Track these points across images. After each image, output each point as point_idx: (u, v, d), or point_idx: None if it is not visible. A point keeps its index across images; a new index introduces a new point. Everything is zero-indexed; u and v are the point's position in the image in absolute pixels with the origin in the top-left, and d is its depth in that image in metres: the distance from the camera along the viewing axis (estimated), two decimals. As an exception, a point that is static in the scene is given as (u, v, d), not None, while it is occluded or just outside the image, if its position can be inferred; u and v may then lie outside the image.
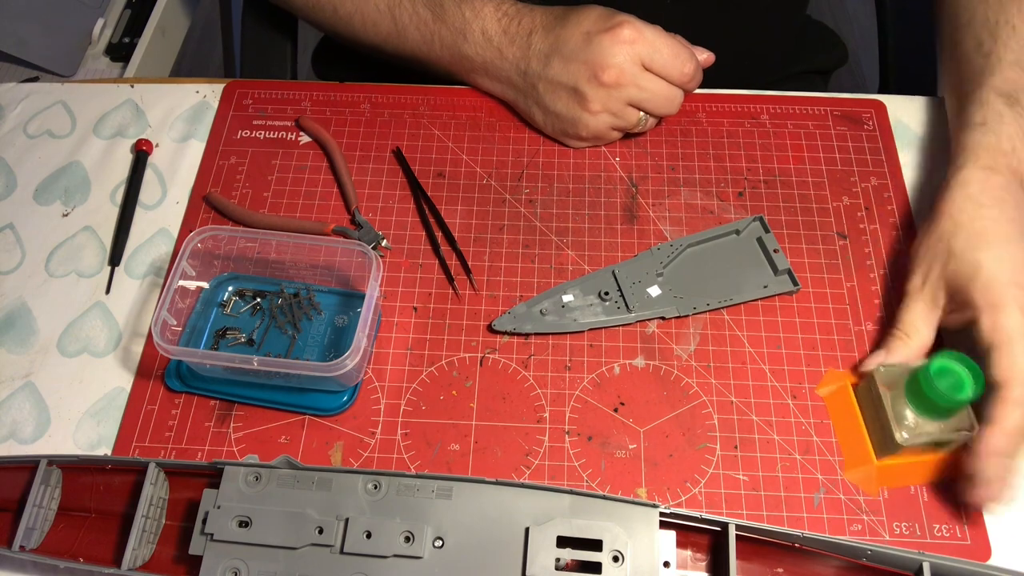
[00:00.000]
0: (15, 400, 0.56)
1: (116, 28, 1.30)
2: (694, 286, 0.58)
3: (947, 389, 0.47)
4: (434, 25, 0.64)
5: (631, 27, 0.59)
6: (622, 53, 0.58)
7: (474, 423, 0.54)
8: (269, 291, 0.58)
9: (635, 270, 0.59)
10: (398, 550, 0.44)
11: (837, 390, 0.54)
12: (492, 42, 0.63)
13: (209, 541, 0.44)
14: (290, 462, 0.46)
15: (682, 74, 0.60)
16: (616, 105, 0.61)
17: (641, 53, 0.59)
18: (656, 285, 0.58)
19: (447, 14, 0.63)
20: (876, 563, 0.44)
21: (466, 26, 0.63)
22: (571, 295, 0.58)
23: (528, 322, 0.56)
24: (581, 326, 0.57)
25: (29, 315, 0.59)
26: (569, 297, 0.57)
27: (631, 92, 0.60)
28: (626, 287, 0.58)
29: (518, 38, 0.62)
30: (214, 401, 0.55)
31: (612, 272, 0.59)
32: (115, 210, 0.65)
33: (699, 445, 0.53)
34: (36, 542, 0.48)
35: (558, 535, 0.44)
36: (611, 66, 0.59)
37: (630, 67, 0.59)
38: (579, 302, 0.57)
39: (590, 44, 0.59)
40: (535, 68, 0.62)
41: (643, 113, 0.62)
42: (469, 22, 0.63)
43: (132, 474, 0.49)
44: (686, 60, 0.60)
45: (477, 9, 0.63)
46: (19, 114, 0.71)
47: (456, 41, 0.64)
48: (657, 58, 0.59)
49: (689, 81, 0.61)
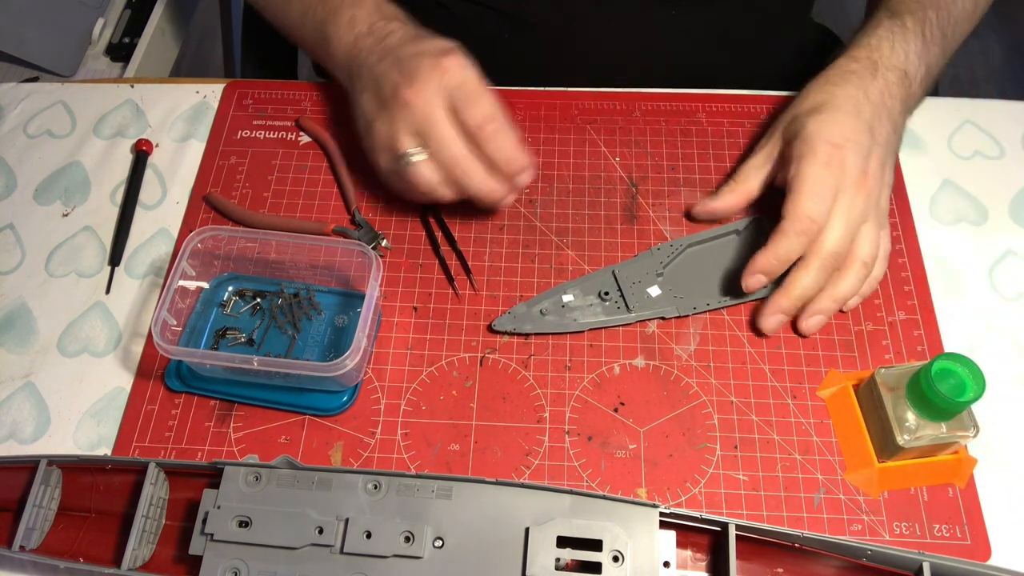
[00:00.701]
0: (15, 400, 0.56)
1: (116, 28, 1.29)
2: (694, 286, 0.58)
3: (948, 391, 0.47)
4: (315, 1, 0.64)
5: (455, 61, 0.55)
6: (434, 79, 0.54)
7: (474, 423, 0.54)
8: (269, 291, 0.58)
9: (635, 270, 0.59)
10: (398, 550, 0.44)
11: (838, 392, 0.54)
12: (354, 29, 0.61)
13: (209, 541, 0.44)
14: (290, 462, 0.46)
15: (479, 128, 0.54)
16: (401, 125, 0.55)
17: (452, 89, 0.54)
18: (656, 285, 0.58)
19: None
20: (876, 563, 0.44)
21: (340, 7, 0.62)
22: (571, 295, 0.57)
23: (528, 322, 0.56)
24: (581, 326, 0.56)
25: (29, 315, 0.59)
26: (569, 297, 0.57)
27: (415, 119, 0.54)
28: (626, 287, 0.58)
29: (377, 33, 0.60)
30: (214, 401, 0.55)
31: (612, 272, 0.58)
32: (115, 210, 0.65)
33: (699, 445, 0.53)
34: (36, 542, 0.48)
35: (558, 535, 0.43)
36: (416, 83, 0.54)
37: (430, 94, 0.54)
38: (579, 302, 0.57)
39: (415, 60, 0.55)
40: (368, 61, 0.59)
41: (418, 149, 0.55)
42: (345, 6, 0.62)
43: (132, 474, 0.49)
44: (494, 123, 0.54)
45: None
46: (19, 114, 0.71)
47: (326, 19, 0.62)
48: (467, 103, 0.54)
49: (488, 140, 0.54)
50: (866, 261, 0.54)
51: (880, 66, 0.57)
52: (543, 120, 0.68)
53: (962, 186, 0.64)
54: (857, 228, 0.53)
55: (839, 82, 0.57)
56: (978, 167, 0.65)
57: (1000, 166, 0.65)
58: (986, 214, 0.63)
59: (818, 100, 0.56)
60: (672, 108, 0.68)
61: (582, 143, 0.67)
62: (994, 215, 0.63)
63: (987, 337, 0.57)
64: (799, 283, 0.53)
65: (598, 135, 0.67)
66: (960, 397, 0.47)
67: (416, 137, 0.55)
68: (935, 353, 0.54)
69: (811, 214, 0.52)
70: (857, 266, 0.54)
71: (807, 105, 0.57)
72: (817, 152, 0.53)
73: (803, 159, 0.53)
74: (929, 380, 0.47)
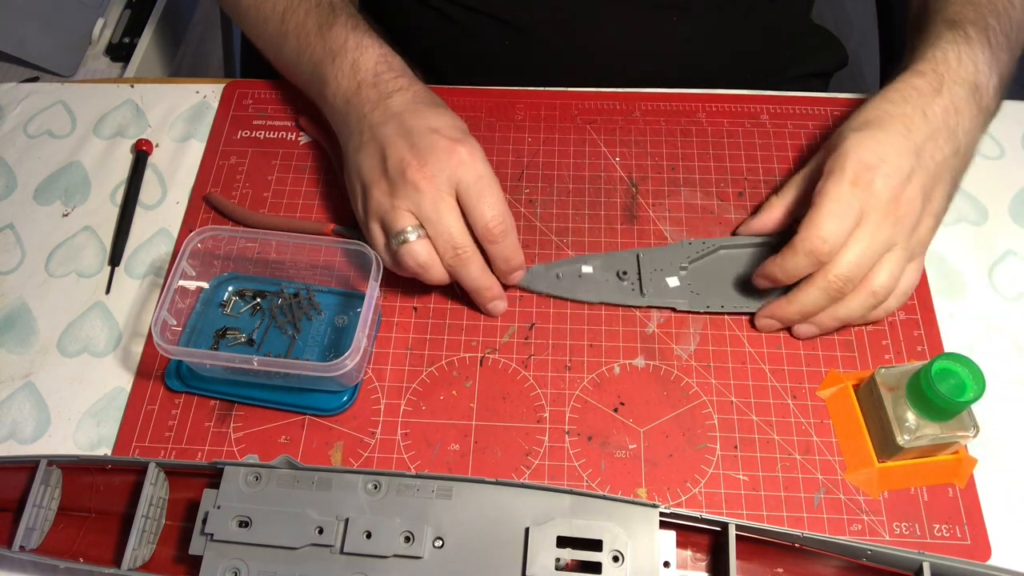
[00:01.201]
0: (15, 400, 0.56)
1: (116, 28, 1.30)
2: (714, 287, 0.58)
3: (948, 391, 0.47)
4: (314, 38, 0.61)
5: (471, 151, 0.53)
6: (448, 167, 0.52)
7: (474, 423, 0.54)
8: (269, 291, 0.58)
9: (660, 258, 0.59)
10: (398, 550, 0.44)
11: (838, 392, 0.54)
12: (356, 75, 0.58)
13: (209, 541, 0.44)
14: (290, 462, 0.46)
15: (487, 229, 0.52)
16: (403, 203, 0.52)
17: (462, 178, 0.52)
18: (676, 277, 0.58)
19: (331, 33, 0.60)
20: (876, 563, 0.44)
21: (341, 50, 0.59)
22: (591, 267, 0.58)
23: (542, 282, 0.58)
24: (591, 297, 0.57)
25: (29, 315, 0.59)
26: (588, 268, 0.58)
27: (421, 202, 0.52)
28: (646, 272, 0.58)
29: (382, 86, 0.57)
30: (214, 401, 0.55)
31: (637, 255, 0.59)
32: (115, 210, 0.65)
33: (699, 445, 0.53)
34: (36, 542, 0.48)
35: (558, 535, 0.43)
36: (428, 167, 0.52)
37: (441, 180, 0.52)
38: (596, 276, 0.58)
39: (427, 137, 0.53)
40: (373, 118, 0.56)
41: (410, 227, 0.52)
42: (348, 49, 0.59)
43: (132, 474, 0.49)
44: (503, 225, 0.52)
45: (363, 44, 0.59)
46: (19, 114, 0.71)
47: (324, 60, 0.60)
48: (480, 200, 0.52)
49: (493, 241, 0.53)
50: (876, 291, 0.51)
51: (947, 80, 0.54)
52: (543, 120, 0.68)
53: (962, 186, 0.63)
54: (878, 256, 0.51)
55: (896, 99, 0.54)
56: (978, 167, 0.64)
57: (1000, 166, 0.65)
58: (986, 214, 0.63)
59: (868, 117, 0.53)
60: (672, 108, 0.68)
61: (582, 143, 0.67)
62: (994, 215, 0.63)
63: (987, 337, 0.57)
64: (800, 299, 0.52)
65: (598, 135, 0.67)
66: (960, 397, 0.47)
67: (415, 218, 0.52)
68: (935, 353, 0.54)
69: (824, 234, 0.49)
70: (866, 294, 0.51)
71: (857, 121, 0.54)
72: (845, 170, 0.50)
73: (831, 176, 0.51)
74: (929, 380, 0.47)
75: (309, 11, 0.62)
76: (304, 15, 0.62)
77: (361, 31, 0.60)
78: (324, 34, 0.60)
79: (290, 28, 0.63)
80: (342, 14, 0.61)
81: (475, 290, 0.55)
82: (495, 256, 0.54)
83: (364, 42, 0.59)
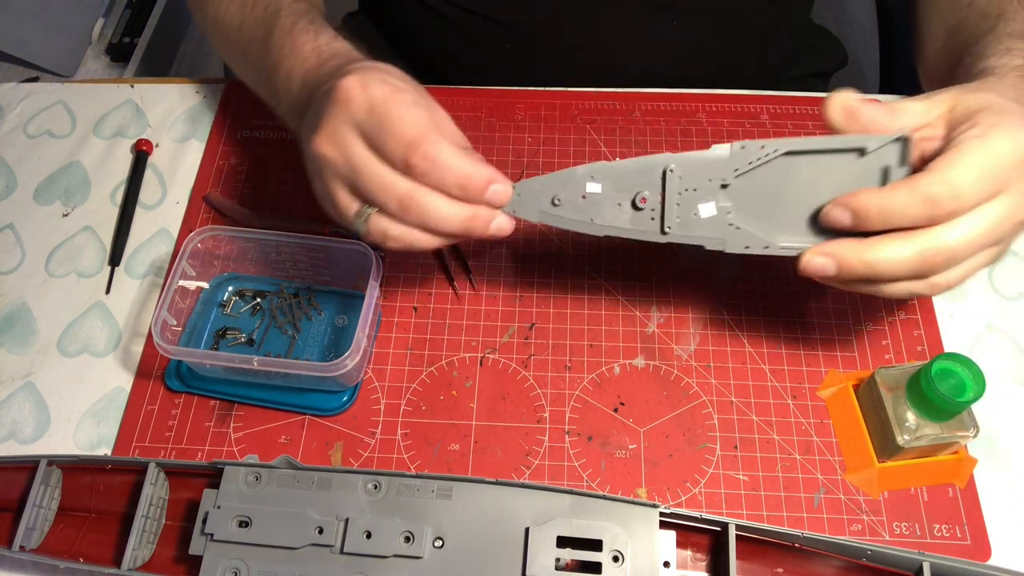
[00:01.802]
0: (15, 400, 0.56)
1: (116, 28, 1.30)
2: (767, 212, 0.43)
3: (948, 391, 0.47)
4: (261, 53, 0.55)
5: (357, 83, 0.42)
6: (338, 114, 0.43)
7: (474, 423, 0.54)
8: (269, 291, 0.58)
9: (696, 171, 0.43)
10: (398, 550, 0.44)
11: (838, 392, 0.54)
12: (292, 87, 0.51)
13: (209, 541, 0.44)
14: (290, 462, 0.46)
15: (405, 163, 0.41)
16: (331, 183, 0.45)
17: (355, 116, 0.42)
18: (714, 202, 0.43)
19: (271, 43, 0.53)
20: (876, 563, 0.44)
21: (279, 63, 0.52)
22: (598, 185, 0.44)
23: (534, 209, 0.45)
24: (597, 228, 0.45)
25: (29, 315, 0.59)
26: (595, 188, 0.44)
27: (336, 170, 0.44)
28: (672, 196, 0.43)
29: (313, 85, 0.49)
30: (214, 401, 0.55)
31: (664, 170, 0.43)
32: (115, 210, 0.65)
33: (699, 445, 0.53)
34: (36, 542, 0.48)
35: (558, 535, 0.43)
36: (322, 127, 0.43)
37: (345, 136, 0.43)
38: (605, 197, 0.44)
39: (320, 99, 0.45)
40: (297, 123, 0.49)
41: (356, 209, 0.44)
42: (283, 58, 0.52)
43: (132, 474, 0.49)
44: (422, 148, 0.41)
45: (296, 47, 0.51)
46: (19, 114, 0.71)
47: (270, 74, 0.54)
48: (381, 132, 0.42)
49: (422, 172, 0.42)
50: (951, 284, 0.42)
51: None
52: (543, 120, 0.68)
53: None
54: (994, 242, 0.41)
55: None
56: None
57: (1000, 166, 0.65)
58: (986, 214, 0.63)
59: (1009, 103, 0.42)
60: (672, 108, 0.68)
61: (582, 143, 0.67)
62: (994, 215, 0.63)
63: (987, 337, 0.57)
64: (881, 253, 0.40)
65: (598, 135, 0.67)
66: (960, 397, 0.47)
67: (350, 193, 0.45)
68: (935, 353, 0.54)
69: (959, 186, 0.38)
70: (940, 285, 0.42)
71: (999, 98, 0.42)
72: (1011, 133, 0.39)
73: (994, 129, 0.39)
74: (929, 380, 0.47)
75: (256, 24, 0.56)
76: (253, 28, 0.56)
77: (297, 32, 0.52)
78: (267, 46, 0.54)
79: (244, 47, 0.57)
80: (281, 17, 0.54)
81: (457, 232, 0.44)
82: (445, 187, 0.42)
83: (298, 44, 0.51)
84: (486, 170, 0.43)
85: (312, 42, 0.51)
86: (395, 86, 0.43)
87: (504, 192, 0.43)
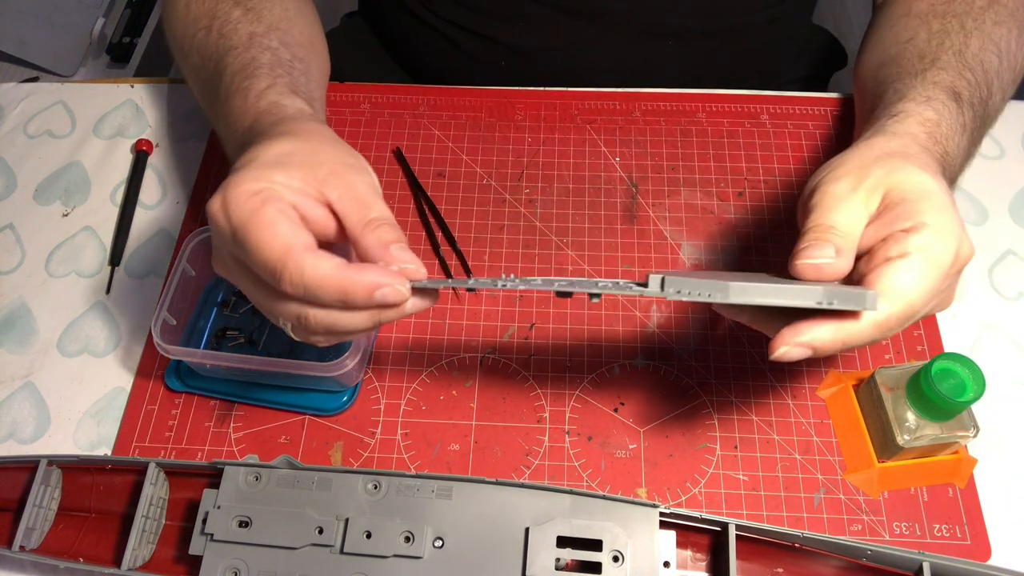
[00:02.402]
0: (15, 400, 0.56)
1: (116, 28, 1.30)
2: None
3: (948, 391, 0.47)
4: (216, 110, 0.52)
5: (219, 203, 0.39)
6: (216, 239, 0.41)
7: (474, 423, 0.54)
8: (269, 291, 0.58)
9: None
10: (398, 550, 0.44)
11: (838, 392, 0.54)
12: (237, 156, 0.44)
13: (209, 541, 0.44)
14: (290, 462, 0.46)
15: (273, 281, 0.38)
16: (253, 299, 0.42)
17: (228, 245, 0.39)
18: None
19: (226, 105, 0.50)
20: (876, 563, 0.44)
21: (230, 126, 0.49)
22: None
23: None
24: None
25: (29, 315, 0.59)
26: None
27: (248, 293, 0.41)
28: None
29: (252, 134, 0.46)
30: (214, 401, 0.55)
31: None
32: (115, 210, 0.65)
33: (699, 445, 0.53)
34: (36, 542, 0.48)
35: (558, 535, 0.43)
36: (213, 252, 0.42)
37: (221, 255, 0.41)
38: None
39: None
40: None
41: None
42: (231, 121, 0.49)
43: (132, 474, 0.49)
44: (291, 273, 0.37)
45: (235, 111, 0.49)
46: (19, 114, 0.71)
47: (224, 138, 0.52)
48: (239, 253, 0.39)
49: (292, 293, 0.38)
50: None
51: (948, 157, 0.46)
52: (543, 120, 0.68)
53: (962, 186, 0.64)
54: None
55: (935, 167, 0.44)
56: (978, 167, 0.64)
57: (1000, 166, 0.65)
58: (986, 214, 0.63)
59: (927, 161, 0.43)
60: (672, 108, 0.68)
61: (582, 143, 0.67)
62: (994, 215, 0.63)
63: (987, 337, 0.57)
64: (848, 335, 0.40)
65: (598, 135, 0.67)
66: (960, 397, 0.47)
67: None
68: (935, 353, 0.54)
69: (916, 309, 0.39)
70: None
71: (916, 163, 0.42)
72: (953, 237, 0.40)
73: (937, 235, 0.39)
74: (929, 380, 0.47)
75: (208, 80, 0.54)
76: (206, 85, 0.54)
77: (241, 93, 0.49)
78: (221, 106, 0.51)
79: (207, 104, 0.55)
80: (227, 75, 0.51)
81: (373, 325, 0.40)
82: (327, 304, 0.38)
83: (236, 108, 0.49)
84: (366, 276, 0.37)
85: (253, 107, 0.48)
86: (260, 197, 0.38)
87: (395, 293, 0.38)
